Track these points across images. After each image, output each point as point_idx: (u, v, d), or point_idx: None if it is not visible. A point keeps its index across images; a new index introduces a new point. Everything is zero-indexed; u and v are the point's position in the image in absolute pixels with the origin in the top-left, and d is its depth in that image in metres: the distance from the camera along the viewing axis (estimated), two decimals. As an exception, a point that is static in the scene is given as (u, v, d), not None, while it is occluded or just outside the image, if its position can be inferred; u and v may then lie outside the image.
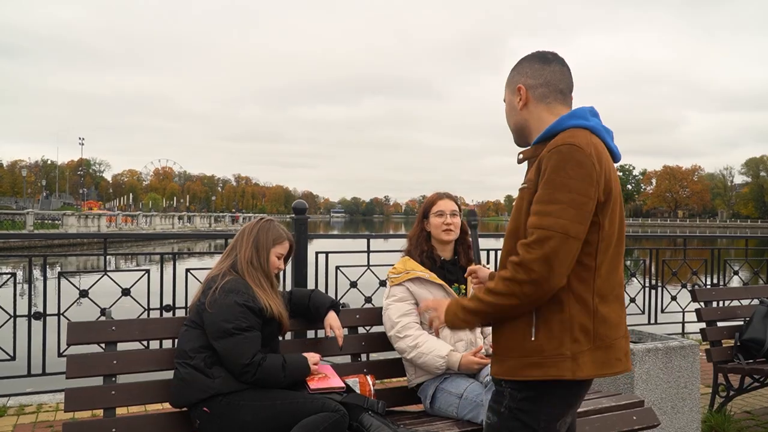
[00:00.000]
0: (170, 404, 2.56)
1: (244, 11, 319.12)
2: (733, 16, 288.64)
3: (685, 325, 6.34)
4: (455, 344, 2.88)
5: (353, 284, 4.60)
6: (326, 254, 4.60)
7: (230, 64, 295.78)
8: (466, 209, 3.09)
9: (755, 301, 4.42)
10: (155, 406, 3.58)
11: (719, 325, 4.21)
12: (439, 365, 2.79)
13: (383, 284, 4.46)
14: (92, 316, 3.84)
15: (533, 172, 1.71)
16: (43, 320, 4.10)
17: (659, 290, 6.16)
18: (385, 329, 2.99)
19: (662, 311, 6.20)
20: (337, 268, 4.60)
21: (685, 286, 6.24)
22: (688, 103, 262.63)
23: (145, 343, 3.51)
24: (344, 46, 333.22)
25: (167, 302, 4.28)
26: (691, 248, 6.83)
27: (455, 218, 3.02)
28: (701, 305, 4.24)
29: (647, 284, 6.15)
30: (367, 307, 3.85)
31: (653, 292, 6.13)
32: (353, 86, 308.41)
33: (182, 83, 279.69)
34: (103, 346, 2.70)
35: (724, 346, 4.18)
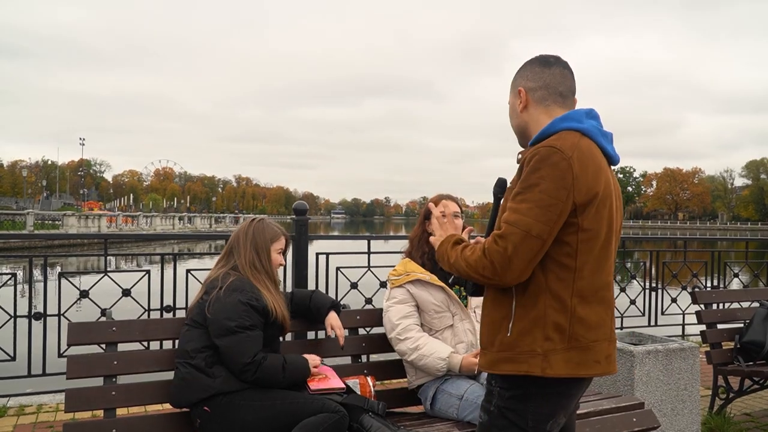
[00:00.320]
0: (171, 404, 2.56)
1: (244, 12, 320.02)
2: (734, 18, 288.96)
3: (685, 327, 6.34)
4: (456, 346, 2.88)
5: (354, 285, 4.61)
6: (327, 255, 4.60)
7: (231, 64, 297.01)
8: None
9: (755, 303, 4.42)
10: (155, 406, 3.58)
11: (719, 327, 4.22)
12: (440, 367, 2.79)
13: (383, 285, 4.47)
14: (93, 316, 3.84)
15: (518, 172, 1.76)
16: (43, 321, 4.10)
17: (659, 292, 6.16)
18: (385, 331, 2.99)
19: (662, 313, 6.20)
20: (337, 269, 4.60)
21: (685, 288, 6.28)
22: (688, 105, 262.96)
23: (145, 343, 3.51)
24: (345, 46, 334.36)
25: (168, 303, 4.28)
26: (691, 250, 6.82)
27: (457, 220, 3.02)
28: (701, 307, 4.25)
29: (647, 286, 6.15)
30: (367, 308, 3.85)
31: (653, 294, 6.13)
32: (354, 87, 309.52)
33: (183, 84, 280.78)
34: (103, 346, 2.70)
35: (724, 348, 4.19)
